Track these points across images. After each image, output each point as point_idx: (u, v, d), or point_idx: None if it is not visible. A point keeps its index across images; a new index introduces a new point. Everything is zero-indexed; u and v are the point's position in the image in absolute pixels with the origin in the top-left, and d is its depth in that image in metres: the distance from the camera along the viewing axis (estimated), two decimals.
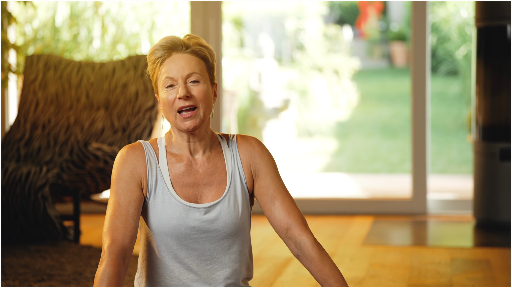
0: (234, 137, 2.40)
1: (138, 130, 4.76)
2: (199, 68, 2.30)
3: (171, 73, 2.28)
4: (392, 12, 17.04)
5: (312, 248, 2.34)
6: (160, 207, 2.30)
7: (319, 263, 2.34)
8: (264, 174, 2.38)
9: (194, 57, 2.30)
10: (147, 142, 2.37)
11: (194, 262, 2.32)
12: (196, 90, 2.28)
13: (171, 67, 2.28)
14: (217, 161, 2.36)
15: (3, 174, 4.43)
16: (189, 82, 2.28)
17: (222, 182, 2.35)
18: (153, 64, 2.31)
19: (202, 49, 2.31)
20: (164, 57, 2.29)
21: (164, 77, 2.29)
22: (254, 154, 2.39)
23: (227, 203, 2.33)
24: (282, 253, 4.43)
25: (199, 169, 2.34)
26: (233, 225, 2.33)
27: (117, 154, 2.35)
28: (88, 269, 3.89)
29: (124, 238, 2.23)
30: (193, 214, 2.30)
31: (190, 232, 2.30)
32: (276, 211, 2.37)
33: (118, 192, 2.29)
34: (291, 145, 10.87)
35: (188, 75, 2.28)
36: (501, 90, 5.18)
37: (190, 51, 2.30)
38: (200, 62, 2.30)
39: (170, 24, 7.82)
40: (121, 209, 2.27)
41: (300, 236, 2.35)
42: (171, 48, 2.29)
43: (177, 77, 2.28)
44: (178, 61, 2.29)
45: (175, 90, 2.28)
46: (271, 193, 2.38)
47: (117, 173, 2.31)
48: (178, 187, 2.32)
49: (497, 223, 5.17)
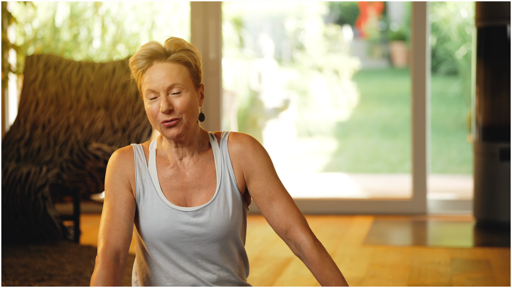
0: (226, 136, 2.35)
1: (138, 130, 4.76)
2: (181, 77, 2.24)
3: (152, 86, 2.23)
4: (392, 12, 17.04)
5: (312, 250, 2.29)
6: (149, 210, 2.29)
7: (319, 265, 2.29)
8: (259, 174, 2.32)
9: (175, 65, 2.24)
10: (139, 146, 2.35)
11: (186, 264, 2.31)
12: (179, 101, 2.24)
13: (152, 78, 2.23)
14: (206, 163, 2.32)
15: (3, 174, 4.43)
16: (171, 93, 2.24)
17: (212, 185, 2.31)
18: (136, 72, 2.27)
19: (183, 56, 2.25)
20: (144, 67, 2.25)
21: (146, 89, 2.25)
22: (247, 154, 2.33)
23: (216, 206, 2.29)
24: (282, 253, 4.43)
25: (186, 173, 2.31)
26: (223, 228, 2.29)
27: (109, 159, 2.35)
28: (88, 269, 3.89)
29: (117, 240, 2.23)
30: (181, 217, 2.28)
31: (179, 235, 2.28)
32: (274, 212, 2.32)
33: (110, 196, 2.29)
34: (291, 145, 10.87)
35: (170, 87, 2.23)
36: (501, 90, 5.18)
37: (171, 59, 2.24)
38: (182, 70, 2.25)
39: (170, 24, 7.82)
40: (113, 211, 2.26)
41: (300, 238, 2.30)
42: (152, 57, 2.24)
43: (159, 90, 2.23)
44: (159, 71, 2.23)
45: (157, 102, 2.24)
46: (267, 194, 2.32)
47: (108, 177, 2.31)
48: (167, 191, 2.30)
49: (497, 223, 5.17)
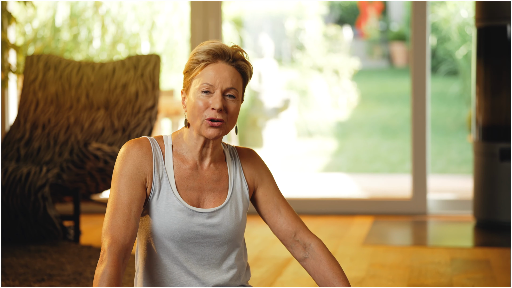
0: (233, 147, 2.43)
1: (138, 130, 4.76)
2: (239, 85, 2.29)
3: (212, 81, 2.25)
4: (392, 12, 17.03)
5: (323, 249, 2.40)
6: (163, 209, 2.27)
7: (329, 262, 2.39)
8: (268, 182, 2.42)
9: (237, 71, 2.29)
10: (153, 139, 2.32)
11: (193, 266, 2.31)
12: (231, 105, 2.27)
13: (214, 74, 2.26)
14: (222, 168, 2.36)
15: (3, 174, 4.43)
16: (226, 95, 2.27)
17: (224, 189, 2.35)
18: (195, 64, 2.28)
19: (245, 66, 2.31)
20: (208, 61, 2.27)
21: (203, 81, 2.26)
22: (257, 165, 2.42)
23: (229, 210, 2.33)
24: (282, 253, 4.43)
25: (204, 174, 2.33)
26: (233, 231, 2.33)
27: (122, 147, 2.28)
28: (88, 269, 3.89)
29: (125, 238, 2.18)
30: (197, 218, 2.29)
31: (192, 236, 2.29)
32: (283, 217, 2.40)
33: (121, 189, 2.22)
34: (291, 145, 10.87)
35: (228, 89, 2.27)
36: (501, 90, 5.18)
37: (235, 65, 2.29)
38: (240, 78, 2.30)
39: (170, 24, 7.83)
40: (124, 207, 2.21)
41: (310, 238, 2.40)
42: (219, 55, 2.27)
43: (217, 87, 2.26)
44: (222, 71, 2.27)
45: (210, 98, 2.26)
46: (275, 200, 2.41)
47: (120, 168, 2.24)
48: (183, 190, 2.29)
49: (497, 223, 5.17)
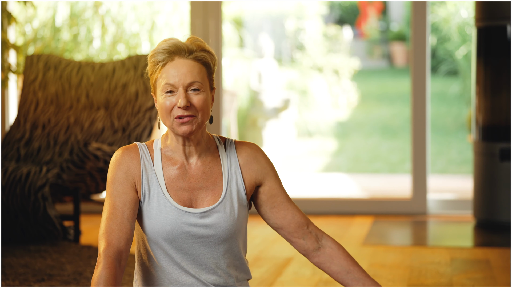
0: (232, 142, 2.38)
1: (138, 130, 4.76)
2: (201, 76, 2.26)
3: (172, 80, 2.24)
4: (392, 12, 17.04)
5: (335, 241, 2.39)
6: (155, 211, 2.28)
7: (344, 251, 2.37)
8: (274, 176, 2.39)
9: (196, 63, 2.26)
10: (143, 144, 2.34)
11: (190, 266, 2.31)
12: (196, 99, 2.25)
13: (173, 73, 2.24)
14: (213, 165, 2.33)
15: (3, 174, 4.43)
16: (190, 90, 2.25)
17: (218, 187, 2.32)
18: (154, 66, 2.27)
19: (204, 56, 2.27)
20: (165, 61, 2.25)
21: (164, 82, 2.25)
22: (259, 158, 2.38)
23: (223, 208, 2.30)
24: (282, 253, 4.43)
25: (193, 173, 2.31)
26: (229, 231, 2.31)
27: (113, 155, 2.32)
28: (88, 269, 3.89)
29: (120, 240, 2.21)
30: (188, 218, 2.28)
31: (185, 236, 2.28)
32: (295, 208, 2.39)
33: (113, 194, 2.26)
34: (291, 145, 10.87)
35: (190, 84, 2.24)
36: (501, 90, 5.18)
37: (193, 57, 2.26)
38: (202, 69, 2.27)
39: (170, 24, 7.82)
40: (116, 211, 2.24)
41: (320, 231, 2.40)
42: (174, 53, 2.25)
43: (178, 85, 2.24)
44: (180, 67, 2.24)
45: (174, 97, 2.24)
46: (284, 193, 2.39)
47: (112, 175, 2.29)
48: (173, 191, 2.29)
49: (497, 223, 5.17)
